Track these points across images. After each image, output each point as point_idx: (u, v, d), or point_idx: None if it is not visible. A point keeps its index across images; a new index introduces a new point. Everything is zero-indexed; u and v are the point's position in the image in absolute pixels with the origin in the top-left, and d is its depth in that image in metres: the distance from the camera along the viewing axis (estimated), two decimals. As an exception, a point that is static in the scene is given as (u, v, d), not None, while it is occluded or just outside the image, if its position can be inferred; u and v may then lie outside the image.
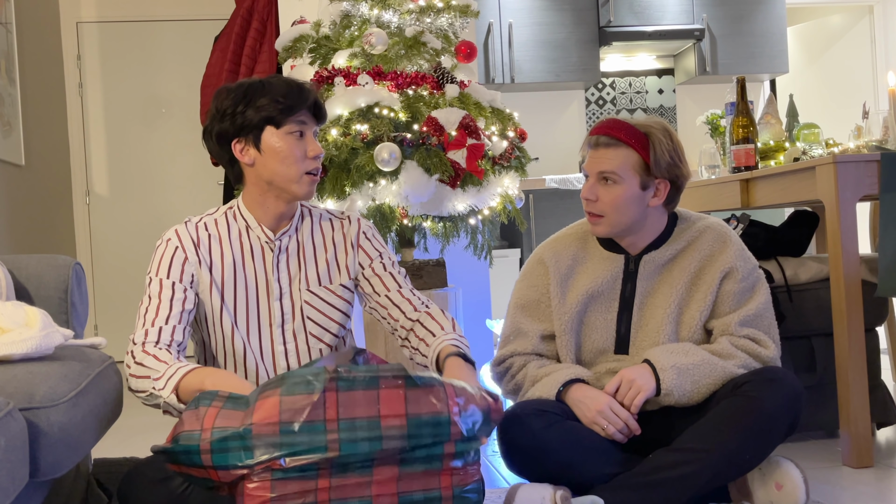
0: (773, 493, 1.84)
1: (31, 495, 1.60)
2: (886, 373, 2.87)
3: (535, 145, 5.44)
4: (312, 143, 1.85)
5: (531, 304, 2.10)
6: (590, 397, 1.91)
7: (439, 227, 3.17)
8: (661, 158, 1.94)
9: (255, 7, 4.23)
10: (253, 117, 1.81)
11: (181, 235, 1.88)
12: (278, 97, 1.80)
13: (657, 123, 1.98)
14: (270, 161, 1.83)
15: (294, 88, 1.83)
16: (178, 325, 1.81)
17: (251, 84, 1.84)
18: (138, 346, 1.78)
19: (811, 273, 2.66)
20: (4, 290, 1.97)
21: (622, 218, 1.97)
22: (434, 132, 2.82)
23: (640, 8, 5.38)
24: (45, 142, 5.11)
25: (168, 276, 1.84)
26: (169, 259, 1.86)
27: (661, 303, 2.00)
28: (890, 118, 2.57)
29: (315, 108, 1.86)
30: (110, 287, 5.73)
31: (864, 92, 5.85)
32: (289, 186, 1.84)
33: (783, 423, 1.84)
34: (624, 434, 1.89)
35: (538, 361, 2.06)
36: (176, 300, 1.82)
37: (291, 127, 1.82)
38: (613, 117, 2.01)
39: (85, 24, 5.71)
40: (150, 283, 1.86)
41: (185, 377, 1.69)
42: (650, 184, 1.96)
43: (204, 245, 1.88)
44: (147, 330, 1.79)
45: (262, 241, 1.91)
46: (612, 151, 1.95)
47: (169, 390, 1.69)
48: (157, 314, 1.81)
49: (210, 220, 1.93)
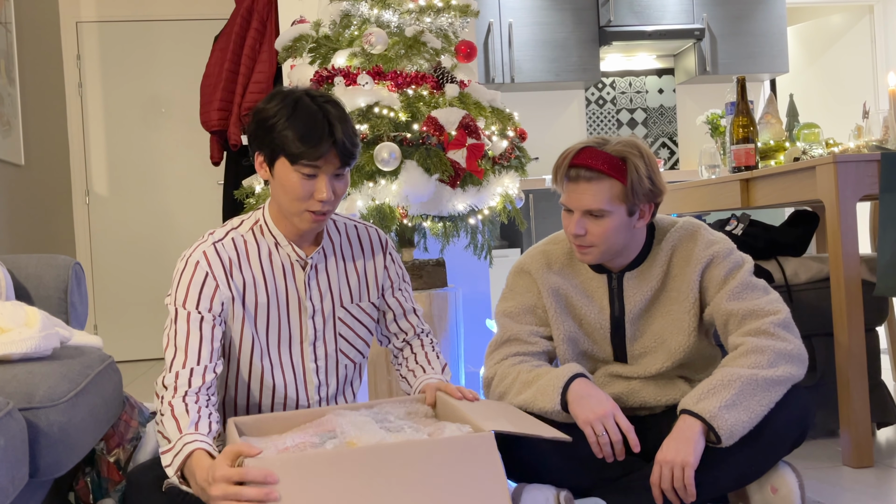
0: (769, 496, 1.84)
1: (31, 495, 1.60)
2: (886, 373, 2.87)
3: (535, 145, 5.44)
4: (323, 186, 1.71)
5: (526, 309, 2.05)
6: (594, 397, 1.84)
7: (439, 226, 3.17)
8: (641, 186, 1.88)
9: (255, 7, 4.23)
10: (271, 142, 1.72)
11: (210, 260, 1.77)
12: (297, 137, 1.68)
13: (631, 147, 1.90)
14: (277, 188, 1.76)
15: (316, 132, 1.69)
16: (210, 363, 1.71)
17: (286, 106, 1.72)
18: (169, 392, 1.67)
19: (811, 273, 2.66)
20: (4, 290, 1.97)
21: (613, 246, 1.93)
22: (434, 132, 2.82)
23: (640, 8, 5.38)
24: (44, 142, 5.11)
25: (197, 308, 1.73)
26: (199, 287, 1.75)
27: (651, 313, 2.00)
28: (890, 118, 2.57)
29: (342, 154, 1.72)
30: (110, 287, 5.73)
31: (864, 92, 5.85)
32: (291, 218, 1.78)
33: (789, 440, 1.84)
34: (617, 448, 1.80)
35: (534, 362, 2.00)
36: (205, 337, 1.72)
37: (303, 169, 1.70)
38: (587, 146, 1.90)
39: (85, 23, 5.71)
40: (178, 314, 1.73)
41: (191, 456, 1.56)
42: (636, 209, 1.92)
43: (235, 267, 1.79)
44: (178, 372, 1.68)
45: (293, 259, 1.84)
46: (594, 186, 1.87)
47: (174, 469, 1.57)
48: (186, 354, 1.70)
49: (238, 236, 1.83)
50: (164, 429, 1.63)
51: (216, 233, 1.83)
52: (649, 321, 2.00)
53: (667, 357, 1.98)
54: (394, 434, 1.55)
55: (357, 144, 1.74)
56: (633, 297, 2.00)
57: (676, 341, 1.97)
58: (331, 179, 1.73)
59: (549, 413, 1.87)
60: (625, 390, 2.01)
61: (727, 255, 1.97)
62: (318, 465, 1.39)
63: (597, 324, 2.02)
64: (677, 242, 2.00)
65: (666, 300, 1.99)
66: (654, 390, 1.99)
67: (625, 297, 2.00)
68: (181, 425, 1.61)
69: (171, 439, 1.60)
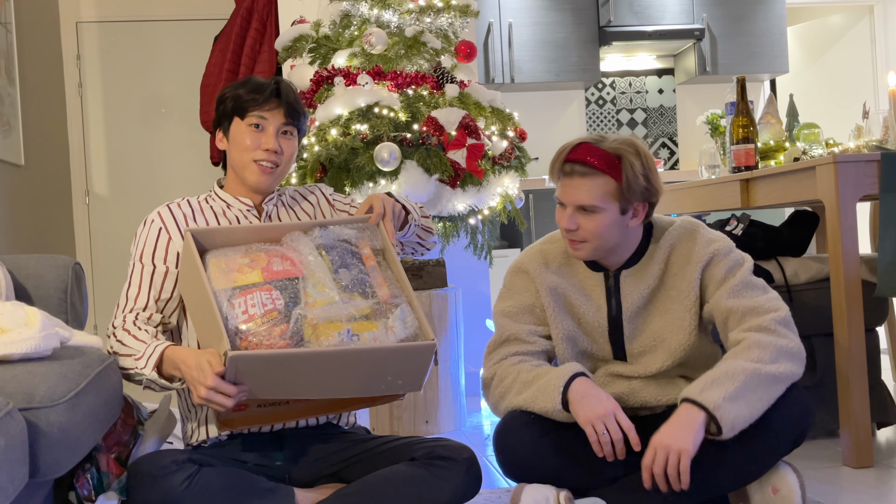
0: (770, 496, 1.84)
1: (31, 495, 1.60)
2: (886, 373, 2.87)
3: (535, 145, 5.44)
4: (270, 137, 1.90)
5: (525, 308, 2.04)
6: (595, 396, 1.83)
7: (439, 227, 3.17)
8: (636, 184, 1.88)
9: (255, 7, 4.23)
10: (227, 107, 1.93)
11: (163, 216, 1.94)
12: (247, 91, 1.90)
13: (628, 145, 1.90)
14: (232, 149, 1.94)
15: (263, 84, 1.92)
16: (156, 310, 1.90)
17: (241, 80, 1.98)
18: (120, 325, 1.86)
19: (811, 273, 2.66)
20: (4, 290, 1.97)
21: (605, 243, 1.93)
22: (434, 132, 2.82)
23: (640, 8, 5.38)
24: (44, 142, 5.11)
25: (152, 260, 1.91)
26: (154, 242, 1.92)
27: (650, 311, 2.00)
28: (890, 118, 2.57)
29: (287, 107, 1.91)
30: (110, 287, 5.73)
31: (864, 92, 5.85)
32: (241, 172, 1.93)
33: (789, 438, 1.84)
34: (618, 447, 1.80)
35: (534, 361, 1.99)
36: (154, 286, 1.90)
37: (252, 119, 1.90)
38: (584, 141, 1.91)
39: (85, 23, 5.71)
40: (133, 267, 1.93)
41: (165, 352, 1.76)
42: (629, 208, 1.92)
43: (189, 220, 1.94)
44: (125, 316, 1.88)
45: (245, 210, 1.98)
46: (588, 182, 1.88)
47: (150, 367, 1.76)
48: (136, 301, 1.90)
49: (193, 200, 2.00)
50: (127, 348, 1.81)
51: (172, 200, 2.01)
52: (648, 320, 2.00)
53: (667, 356, 1.97)
54: (346, 295, 1.73)
55: (303, 110, 1.95)
56: (630, 296, 1.99)
57: (677, 340, 1.96)
58: (278, 134, 1.91)
59: (549, 413, 1.86)
60: (625, 390, 2.00)
61: (727, 253, 1.97)
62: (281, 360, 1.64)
63: (595, 322, 2.02)
64: (676, 241, 1.99)
65: (665, 298, 1.99)
66: (655, 390, 1.99)
67: (622, 295, 2.00)
68: (143, 338, 1.81)
69: (137, 350, 1.79)
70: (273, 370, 1.65)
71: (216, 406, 1.64)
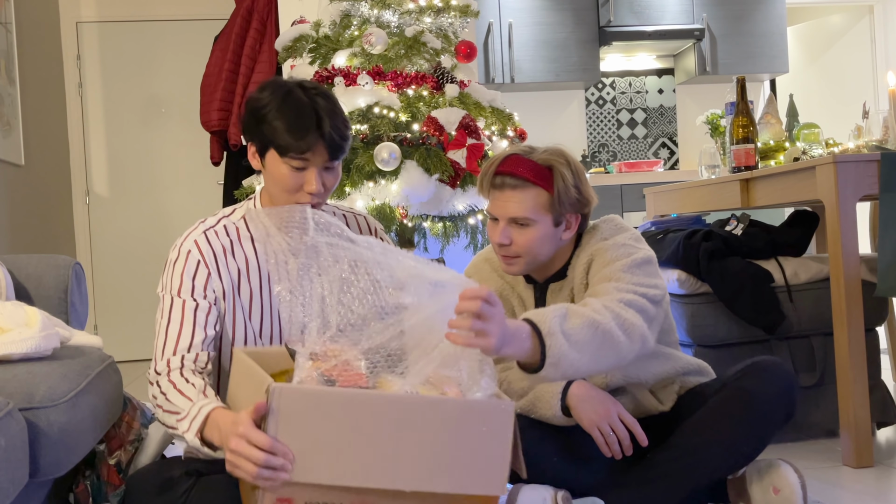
0: (771, 496, 1.84)
1: (31, 496, 1.60)
2: (886, 373, 2.87)
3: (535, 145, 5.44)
4: (313, 178, 1.69)
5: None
6: (595, 398, 1.83)
7: (439, 226, 3.17)
8: (567, 195, 1.84)
9: (255, 7, 4.23)
10: (261, 133, 1.71)
11: (202, 248, 1.76)
12: (285, 128, 1.67)
13: (558, 155, 1.87)
14: (268, 179, 1.75)
15: (304, 124, 1.66)
16: (202, 351, 1.70)
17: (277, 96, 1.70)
18: (165, 374, 1.67)
19: (811, 273, 2.66)
20: (4, 290, 1.97)
21: (537, 257, 1.90)
22: (434, 132, 2.82)
23: (640, 8, 5.38)
24: (44, 142, 5.11)
25: (192, 295, 1.73)
26: (192, 276, 1.74)
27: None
28: (890, 118, 2.57)
29: (331, 146, 1.69)
30: (110, 287, 5.73)
31: (864, 92, 5.85)
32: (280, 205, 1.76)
33: (778, 412, 1.83)
34: (625, 445, 1.80)
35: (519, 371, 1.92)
36: (198, 324, 1.71)
37: (292, 162, 1.69)
38: (514, 153, 1.87)
39: (85, 23, 5.71)
40: (173, 303, 1.73)
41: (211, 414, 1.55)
42: (562, 220, 1.88)
43: (228, 254, 1.78)
44: (170, 360, 1.68)
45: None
46: (519, 194, 1.84)
47: (193, 432, 1.55)
48: (178, 341, 1.70)
49: (230, 224, 1.82)
50: (171, 404, 1.61)
51: (207, 220, 1.82)
52: None
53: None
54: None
55: (347, 137, 1.72)
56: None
57: None
58: (320, 172, 1.71)
59: (549, 419, 1.86)
60: None
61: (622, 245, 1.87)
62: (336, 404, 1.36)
63: None
64: (595, 251, 1.92)
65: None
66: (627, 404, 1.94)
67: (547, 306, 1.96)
68: (189, 394, 1.60)
69: (181, 409, 1.58)
70: (327, 423, 1.35)
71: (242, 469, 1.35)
